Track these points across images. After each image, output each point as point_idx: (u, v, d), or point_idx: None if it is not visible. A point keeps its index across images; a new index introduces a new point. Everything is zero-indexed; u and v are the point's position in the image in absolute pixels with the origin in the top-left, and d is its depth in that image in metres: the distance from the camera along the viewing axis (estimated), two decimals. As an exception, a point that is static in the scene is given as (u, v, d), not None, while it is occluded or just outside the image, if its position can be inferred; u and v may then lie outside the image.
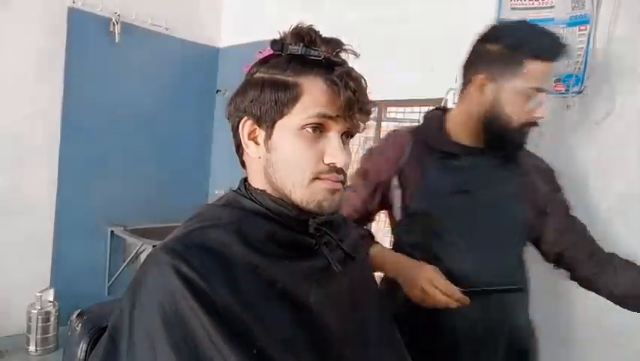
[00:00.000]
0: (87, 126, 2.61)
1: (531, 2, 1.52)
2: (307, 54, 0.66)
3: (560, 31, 1.48)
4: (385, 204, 1.17)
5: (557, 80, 1.49)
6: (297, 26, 0.68)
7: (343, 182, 0.68)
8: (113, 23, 2.61)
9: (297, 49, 0.66)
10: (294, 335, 0.63)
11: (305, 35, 0.67)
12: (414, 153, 1.11)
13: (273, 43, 0.67)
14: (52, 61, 2.47)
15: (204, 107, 3.12)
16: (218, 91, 3.12)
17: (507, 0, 1.57)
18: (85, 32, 2.54)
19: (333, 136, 0.66)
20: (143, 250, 2.52)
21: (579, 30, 1.44)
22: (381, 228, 2.21)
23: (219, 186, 3.00)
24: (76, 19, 2.50)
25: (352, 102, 0.65)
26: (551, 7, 1.49)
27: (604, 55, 1.41)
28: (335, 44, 0.67)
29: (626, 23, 1.38)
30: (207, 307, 0.57)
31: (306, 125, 0.65)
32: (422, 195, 1.09)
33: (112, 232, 2.71)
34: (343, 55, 0.69)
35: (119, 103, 2.72)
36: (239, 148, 0.73)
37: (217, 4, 3.14)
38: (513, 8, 1.56)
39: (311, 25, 0.69)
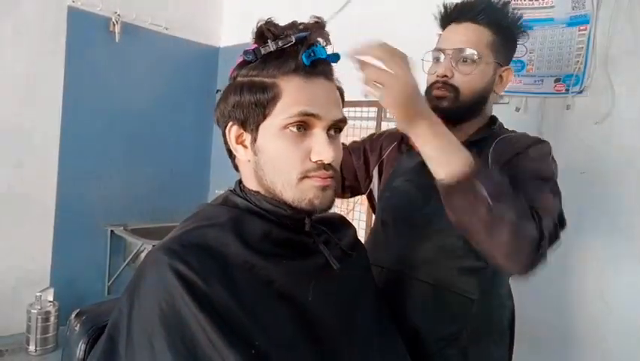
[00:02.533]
0: (87, 126, 2.61)
1: (531, 2, 1.52)
2: (279, 47, 0.65)
3: (560, 31, 1.48)
4: (355, 188, 1.21)
5: (557, 80, 1.49)
6: (257, 27, 0.68)
7: (333, 177, 0.68)
8: (113, 23, 2.60)
9: (268, 47, 0.66)
10: (292, 335, 0.63)
11: (266, 33, 0.67)
12: (396, 146, 1.13)
13: (246, 54, 0.67)
14: (52, 61, 2.47)
15: (204, 107, 3.12)
16: (218, 91, 3.06)
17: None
18: (85, 32, 2.54)
19: (318, 132, 0.66)
20: (143, 250, 2.52)
21: (579, 30, 1.44)
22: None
23: (219, 186, 3.00)
24: (76, 18, 2.50)
25: None
26: (551, 7, 1.49)
27: (604, 55, 1.41)
28: (295, 24, 0.68)
29: (626, 23, 1.38)
30: (205, 307, 0.57)
31: (289, 124, 0.65)
32: (382, 186, 1.11)
33: (112, 231, 2.71)
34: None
35: (119, 102, 2.72)
36: (230, 152, 0.73)
37: (217, 4, 3.14)
38: (513, 8, 1.56)
39: (269, 18, 0.69)
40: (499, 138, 0.98)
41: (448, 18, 1.00)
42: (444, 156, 0.76)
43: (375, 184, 1.17)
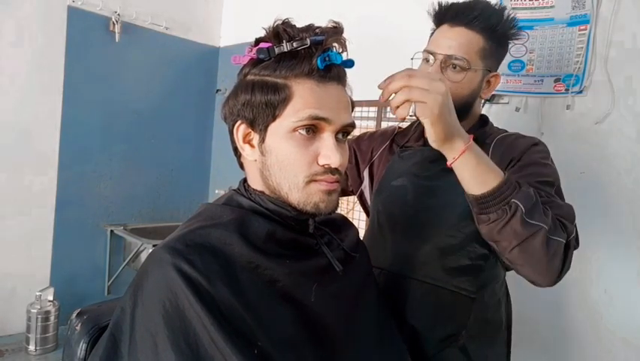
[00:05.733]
0: (87, 126, 2.61)
1: (531, 2, 1.53)
2: (294, 49, 0.65)
3: (560, 31, 1.48)
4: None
5: (557, 80, 1.49)
6: (274, 26, 0.68)
7: (339, 181, 0.68)
8: (113, 22, 2.61)
9: (282, 47, 0.65)
10: (295, 335, 0.63)
11: (282, 33, 0.66)
12: (387, 147, 1.12)
13: (259, 52, 0.66)
14: (52, 60, 2.46)
15: (204, 107, 3.12)
16: (218, 91, 3.12)
17: (507, 0, 1.57)
18: (85, 31, 2.54)
19: (327, 136, 0.66)
20: (143, 250, 2.52)
21: (579, 30, 1.44)
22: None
23: (219, 186, 3.00)
24: (76, 18, 2.50)
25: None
26: (551, 7, 1.49)
27: (604, 55, 1.41)
28: (311, 27, 0.67)
29: (626, 23, 1.38)
30: (208, 306, 0.57)
31: (298, 127, 0.64)
32: (376, 187, 1.10)
33: (112, 231, 2.71)
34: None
35: (119, 102, 2.72)
36: (236, 150, 0.73)
37: (217, 4, 3.14)
38: (513, 8, 1.56)
39: (286, 19, 0.68)
40: (495, 138, 0.98)
41: (442, 17, 0.98)
42: (479, 173, 0.78)
43: (366, 185, 1.17)
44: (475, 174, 0.78)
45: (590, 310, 1.44)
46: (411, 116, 0.74)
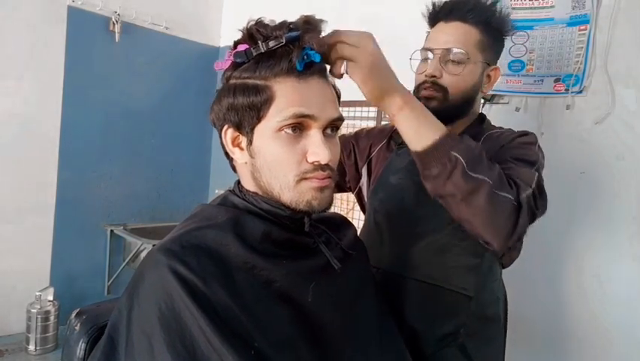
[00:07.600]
0: (87, 126, 2.61)
1: (531, 2, 1.52)
2: (270, 48, 0.64)
3: (560, 31, 1.48)
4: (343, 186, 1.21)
5: (557, 80, 1.49)
6: (247, 28, 0.67)
7: (331, 177, 0.67)
8: (113, 22, 2.61)
9: (258, 47, 0.65)
10: (292, 335, 0.63)
11: (255, 34, 0.66)
12: (385, 145, 1.13)
13: (237, 56, 0.66)
14: (52, 60, 2.47)
15: (204, 107, 3.08)
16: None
17: (507, 0, 1.57)
18: (85, 31, 2.54)
19: (314, 133, 0.65)
20: (143, 250, 2.52)
21: (579, 30, 1.44)
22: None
23: (219, 186, 3.01)
24: (76, 18, 2.50)
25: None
26: (551, 7, 1.49)
27: (604, 55, 1.41)
28: (285, 24, 0.66)
29: (625, 23, 1.38)
30: (204, 308, 0.56)
31: (283, 126, 0.64)
32: (373, 185, 1.10)
33: (112, 231, 2.71)
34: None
35: (119, 102, 2.72)
36: (227, 154, 0.72)
37: (217, 4, 3.14)
38: (513, 8, 1.56)
39: (259, 19, 0.68)
40: (485, 134, 0.99)
41: (437, 16, 0.99)
42: (419, 128, 0.78)
43: (364, 182, 1.16)
44: (415, 129, 0.77)
45: (588, 310, 1.43)
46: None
